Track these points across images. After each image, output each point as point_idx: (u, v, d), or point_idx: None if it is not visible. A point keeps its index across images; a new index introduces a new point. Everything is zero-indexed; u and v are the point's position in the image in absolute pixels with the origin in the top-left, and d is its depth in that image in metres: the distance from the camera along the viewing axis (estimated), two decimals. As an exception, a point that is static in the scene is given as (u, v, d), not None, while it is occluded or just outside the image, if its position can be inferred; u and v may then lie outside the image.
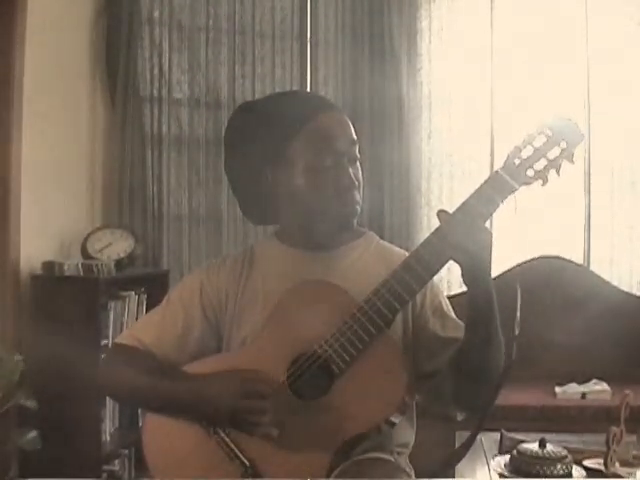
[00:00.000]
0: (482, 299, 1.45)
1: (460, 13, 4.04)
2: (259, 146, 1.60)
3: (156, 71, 3.82)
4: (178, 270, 3.75)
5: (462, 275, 1.44)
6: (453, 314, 1.60)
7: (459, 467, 1.83)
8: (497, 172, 1.42)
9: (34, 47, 3.07)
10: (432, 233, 1.43)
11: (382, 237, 1.73)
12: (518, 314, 1.43)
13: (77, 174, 3.60)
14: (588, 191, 4.01)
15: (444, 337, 1.57)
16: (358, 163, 1.61)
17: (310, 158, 1.55)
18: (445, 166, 4.04)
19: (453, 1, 4.04)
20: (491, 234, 1.41)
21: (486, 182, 1.42)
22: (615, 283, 3.95)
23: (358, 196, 1.58)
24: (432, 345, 1.57)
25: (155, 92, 3.81)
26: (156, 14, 3.82)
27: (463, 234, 1.37)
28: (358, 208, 1.59)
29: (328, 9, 4.00)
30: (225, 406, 1.47)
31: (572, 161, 1.43)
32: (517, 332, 1.42)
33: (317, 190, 1.55)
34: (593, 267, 4.00)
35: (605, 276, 3.95)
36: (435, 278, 1.52)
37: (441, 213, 1.41)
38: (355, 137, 1.60)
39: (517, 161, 1.42)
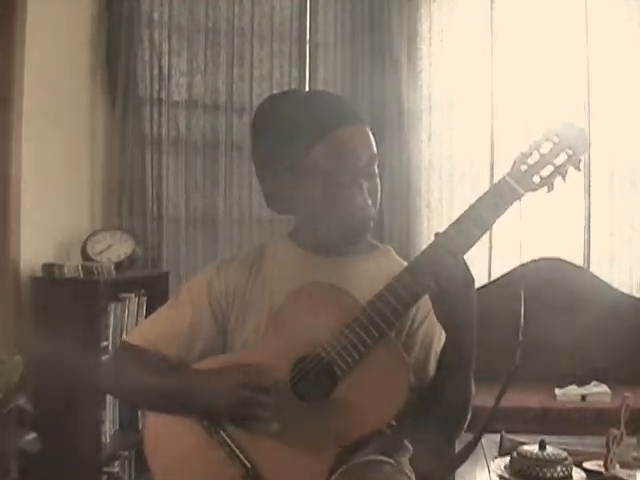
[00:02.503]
0: (461, 341, 1.45)
1: (460, 15, 4.04)
2: (278, 149, 1.58)
3: (156, 73, 3.82)
4: (178, 272, 3.75)
5: (439, 305, 1.44)
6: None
7: (459, 469, 1.83)
8: (504, 178, 1.41)
9: (34, 48, 3.07)
10: (436, 237, 1.42)
11: (382, 239, 1.73)
12: (522, 320, 1.42)
13: (77, 176, 3.60)
14: (588, 192, 4.02)
15: (420, 371, 1.56)
16: (376, 178, 1.58)
17: (326, 173, 1.52)
18: (445, 168, 4.05)
19: (453, 3, 4.05)
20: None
21: (493, 188, 1.41)
22: (615, 285, 3.95)
23: (372, 213, 1.56)
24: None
25: (155, 94, 3.82)
26: (156, 16, 3.83)
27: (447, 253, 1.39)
28: (371, 224, 1.57)
29: (328, 11, 4.00)
30: (224, 398, 1.46)
31: (579, 168, 1.43)
32: (521, 338, 1.41)
33: (330, 206, 1.54)
34: (593, 269, 4.00)
35: (605, 278, 3.95)
36: None
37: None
38: (375, 151, 1.57)
39: (523, 167, 1.41)
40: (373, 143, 1.58)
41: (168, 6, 3.83)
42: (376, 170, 1.58)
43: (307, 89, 3.96)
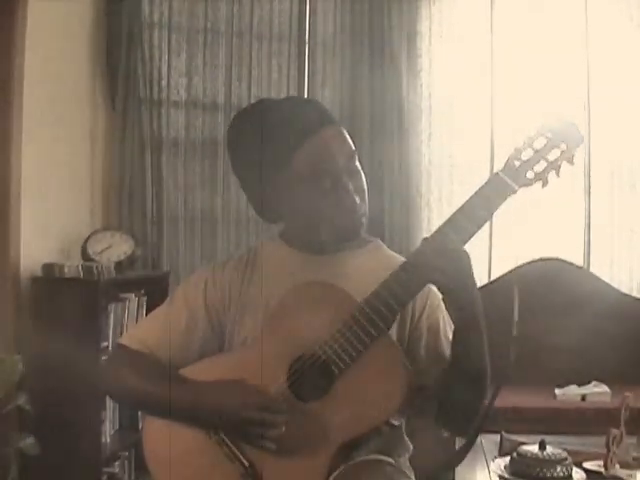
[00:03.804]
0: (470, 321, 1.45)
1: (460, 14, 4.04)
2: (260, 155, 1.58)
3: (155, 74, 3.82)
4: (177, 272, 3.75)
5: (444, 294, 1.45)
6: (450, 332, 1.57)
7: (459, 469, 1.84)
8: (497, 174, 1.43)
9: (34, 49, 3.07)
10: (432, 234, 1.43)
11: (382, 239, 1.73)
12: (516, 315, 1.43)
13: (77, 176, 3.60)
14: (588, 193, 4.02)
15: (434, 358, 1.56)
16: (360, 173, 1.58)
17: (310, 179, 1.52)
18: (445, 168, 4.04)
19: (453, 2, 4.05)
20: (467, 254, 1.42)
21: (486, 184, 1.42)
22: (615, 285, 3.95)
23: (363, 210, 1.56)
24: (422, 362, 1.56)
25: (154, 95, 3.81)
26: (156, 17, 3.82)
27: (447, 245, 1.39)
28: (364, 220, 1.57)
29: (327, 11, 4.00)
30: (227, 419, 1.47)
31: (572, 163, 1.44)
32: (515, 333, 1.42)
33: (319, 212, 1.54)
34: (593, 269, 4.00)
35: (605, 278, 3.95)
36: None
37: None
38: (353, 148, 1.58)
39: (517, 163, 1.43)
40: (350, 140, 1.58)
41: (168, 7, 3.83)
42: (358, 166, 1.58)
43: (306, 90, 3.97)
